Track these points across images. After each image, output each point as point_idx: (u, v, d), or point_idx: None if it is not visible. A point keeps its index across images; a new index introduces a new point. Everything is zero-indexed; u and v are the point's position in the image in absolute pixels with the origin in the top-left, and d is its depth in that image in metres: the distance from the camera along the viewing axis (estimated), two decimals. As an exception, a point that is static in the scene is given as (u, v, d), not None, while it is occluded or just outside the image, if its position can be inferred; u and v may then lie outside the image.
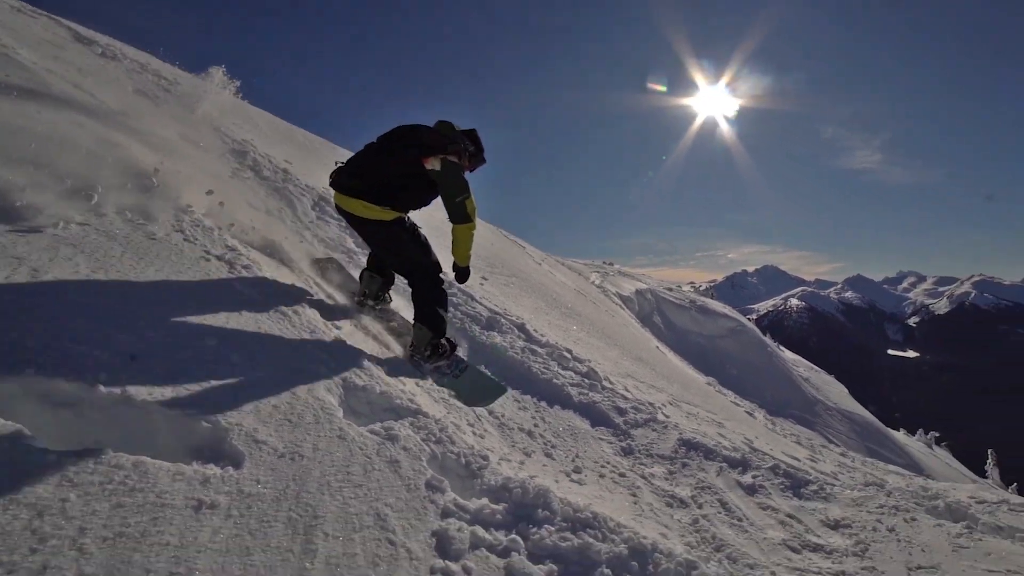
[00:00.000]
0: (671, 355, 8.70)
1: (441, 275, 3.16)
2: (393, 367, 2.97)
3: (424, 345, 3.07)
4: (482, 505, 2.19)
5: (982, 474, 17.70)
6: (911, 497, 3.88)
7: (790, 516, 3.17)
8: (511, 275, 6.73)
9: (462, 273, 3.23)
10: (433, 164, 2.91)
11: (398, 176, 2.93)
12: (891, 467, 8.06)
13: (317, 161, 6.62)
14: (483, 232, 9.42)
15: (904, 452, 13.17)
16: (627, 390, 4.28)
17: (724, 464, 3.58)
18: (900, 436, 14.97)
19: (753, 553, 2.65)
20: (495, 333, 4.22)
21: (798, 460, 4.87)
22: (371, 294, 3.43)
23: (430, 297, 3.08)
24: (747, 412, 6.55)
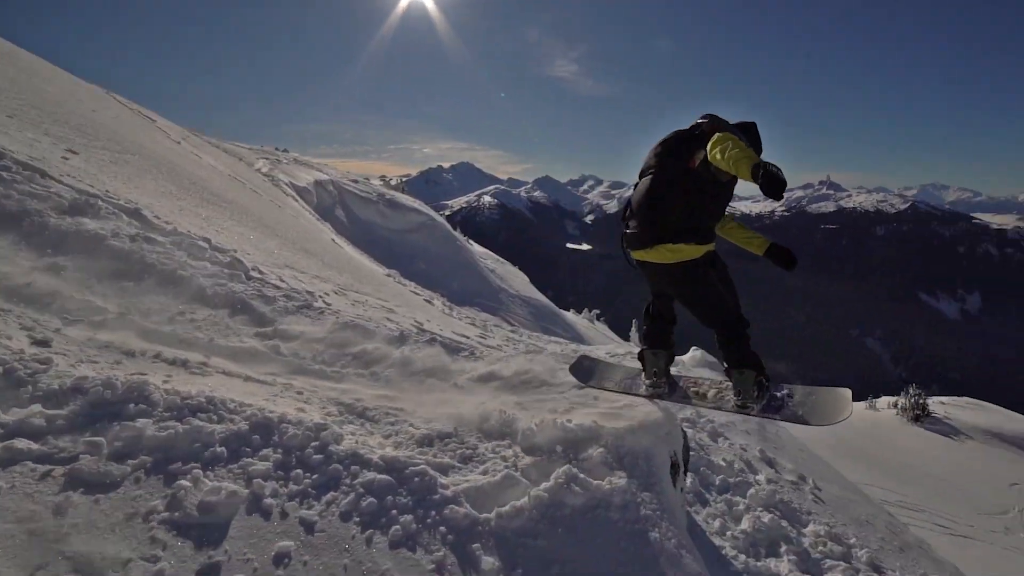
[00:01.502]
0: (349, 248, 8.87)
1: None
2: None
3: (751, 387, 3.02)
4: (28, 414, 1.92)
5: (627, 338, 24.05)
6: (561, 358, 4.97)
7: (441, 375, 3.70)
8: (124, 151, 5.59)
9: (769, 178, 2.25)
10: (699, 155, 2.71)
11: (685, 198, 2.81)
12: (554, 338, 10.16)
13: None
14: (82, 96, 7.52)
15: (571, 327, 16.76)
16: (282, 280, 4.21)
17: (382, 343, 3.91)
18: (570, 315, 18.95)
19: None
20: (87, 219, 3.53)
21: (466, 337, 5.69)
22: (661, 372, 3.35)
23: (742, 336, 3.02)
24: (426, 300, 7.25)
